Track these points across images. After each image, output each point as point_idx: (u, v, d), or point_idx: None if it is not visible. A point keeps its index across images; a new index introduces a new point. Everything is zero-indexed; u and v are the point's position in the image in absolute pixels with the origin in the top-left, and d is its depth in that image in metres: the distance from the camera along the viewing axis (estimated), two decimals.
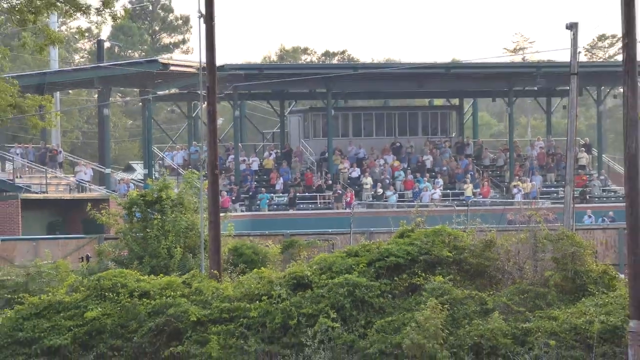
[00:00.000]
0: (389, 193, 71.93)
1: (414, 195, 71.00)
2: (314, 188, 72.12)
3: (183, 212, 37.35)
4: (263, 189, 71.86)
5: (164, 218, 36.84)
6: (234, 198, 69.21)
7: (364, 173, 73.73)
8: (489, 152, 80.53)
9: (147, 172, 68.99)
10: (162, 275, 30.07)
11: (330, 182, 72.44)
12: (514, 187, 73.99)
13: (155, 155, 74.34)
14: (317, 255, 30.54)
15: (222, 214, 33.44)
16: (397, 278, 27.66)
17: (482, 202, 69.88)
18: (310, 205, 70.41)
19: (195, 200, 37.40)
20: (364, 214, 63.24)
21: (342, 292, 27.14)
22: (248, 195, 71.20)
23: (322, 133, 76.70)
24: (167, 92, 77.55)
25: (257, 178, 73.66)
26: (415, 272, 27.70)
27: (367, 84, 78.35)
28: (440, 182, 73.69)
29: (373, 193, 72.01)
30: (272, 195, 71.35)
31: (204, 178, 34.68)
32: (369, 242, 30.44)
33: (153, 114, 76.97)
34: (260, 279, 28.41)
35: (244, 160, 74.86)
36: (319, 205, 70.42)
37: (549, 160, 78.42)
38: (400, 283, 27.58)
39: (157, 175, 63.84)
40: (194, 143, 76.08)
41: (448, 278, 27.46)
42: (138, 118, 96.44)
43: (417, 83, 77.25)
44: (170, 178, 48.99)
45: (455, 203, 67.39)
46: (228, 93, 69.95)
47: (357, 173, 74.00)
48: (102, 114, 74.02)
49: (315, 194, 71.44)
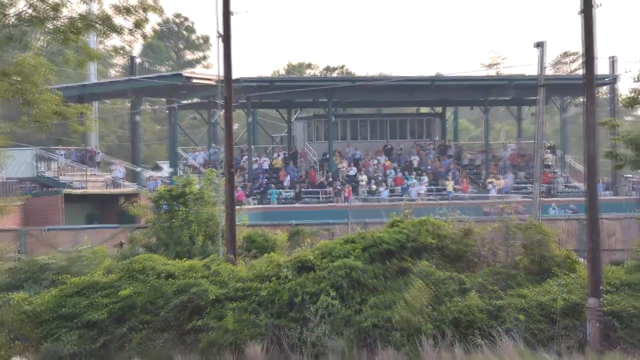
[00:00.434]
0: (382, 189, 71.86)
1: (403, 191, 70.91)
2: (317, 184, 72.05)
3: (204, 205, 37.35)
4: (272, 185, 71.83)
5: (187, 210, 36.84)
6: (248, 193, 69.17)
7: (360, 171, 73.68)
8: (468, 153, 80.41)
9: (172, 170, 68.96)
10: (185, 259, 30.13)
11: (331, 179, 72.37)
12: (489, 183, 73.90)
13: (180, 156, 74.28)
14: (319, 242, 30.55)
15: (237, 207, 33.44)
16: (388, 262, 27.67)
17: (461, 196, 69.79)
18: (314, 199, 70.32)
19: (214, 195, 37.39)
20: (360, 207, 63.14)
21: (340, 273, 27.16)
22: (260, 191, 71.15)
23: (323, 137, 76.58)
24: (189, 101, 77.50)
25: (267, 176, 73.59)
26: (404, 257, 27.71)
27: (362, 95, 78.22)
28: (426, 179, 73.62)
29: (368, 189, 71.96)
30: (280, 191, 71.30)
31: (222, 175, 34.70)
32: (364, 231, 30.46)
33: (178, 120, 76.86)
34: (270, 263, 28.44)
35: (256, 160, 74.82)
36: (321, 199, 70.34)
37: (520, 161, 78.29)
38: (391, 266, 27.60)
39: (181, 173, 63.77)
40: (213, 145, 76.00)
41: (432, 262, 27.49)
42: (165, 124, 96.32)
43: (406, 93, 77.20)
44: (193, 175, 48.87)
45: (438, 197, 67.43)
46: (242, 102, 69.99)
47: (354, 171, 73.92)
48: (133, 121, 74.14)
49: (318, 190, 71.35)
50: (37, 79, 38.61)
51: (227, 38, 32.16)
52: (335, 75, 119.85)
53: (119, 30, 40.07)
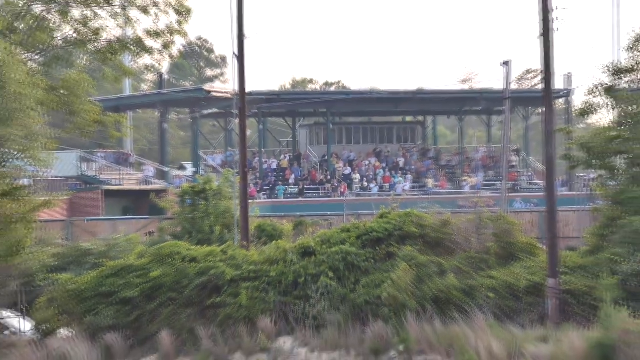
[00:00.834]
0: (372, 185, 71.86)
1: (390, 187, 70.91)
2: (317, 182, 72.06)
3: (221, 199, 37.35)
4: (280, 182, 71.83)
5: (208, 204, 36.86)
6: (259, 189, 69.16)
7: (354, 171, 73.65)
8: (445, 155, 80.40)
9: (195, 170, 68.96)
10: (205, 246, 30.06)
11: (329, 177, 72.36)
12: (464, 181, 73.89)
13: (201, 158, 74.28)
14: (319, 231, 30.49)
15: (249, 201, 33.43)
16: (377, 248, 27.60)
17: (440, 192, 69.79)
18: (315, 194, 70.34)
19: (230, 191, 37.37)
20: (354, 201, 63.16)
21: (337, 258, 27.10)
22: (269, 187, 71.15)
23: (323, 141, 76.58)
24: (209, 111, 77.42)
25: (275, 174, 73.59)
26: (391, 243, 27.63)
27: (356, 106, 78.24)
28: (410, 177, 73.62)
29: (360, 185, 71.95)
30: (286, 187, 71.30)
31: (237, 174, 34.65)
32: (358, 221, 30.41)
33: (199, 128, 76.84)
34: (278, 249, 28.38)
35: (266, 161, 74.81)
36: (321, 194, 70.35)
37: (489, 161, 78.29)
38: (380, 251, 27.53)
39: (202, 173, 63.78)
40: (229, 149, 76.01)
41: (415, 248, 27.39)
42: (188, 130, 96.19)
43: (392, 105, 77.21)
44: (212, 174, 48.90)
45: (421, 193, 67.43)
46: (254, 112, 69.96)
47: (348, 171, 73.90)
48: (162, 128, 74.03)
49: (318, 186, 71.36)
50: (80, 93, 38.56)
51: (241, 58, 32.11)
52: (333, 90, 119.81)
53: (150, 51, 40.10)
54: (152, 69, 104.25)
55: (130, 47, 40.14)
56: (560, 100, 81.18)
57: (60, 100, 38.22)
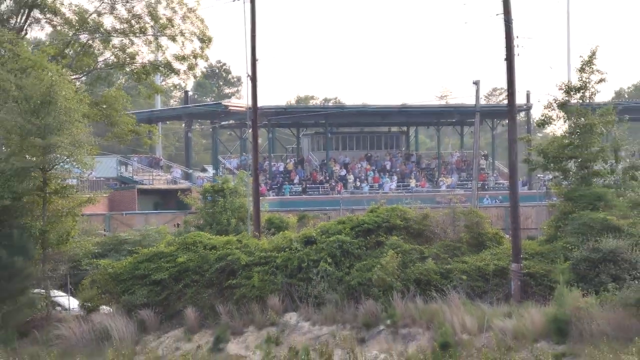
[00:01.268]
0: (364, 185, 71.82)
1: (379, 187, 70.85)
2: (318, 182, 71.99)
3: (237, 196, 37.31)
4: (286, 182, 71.76)
5: (225, 200, 36.81)
6: (268, 188, 69.09)
7: (348, 172, 73.58)
8: (425, 159, 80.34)
9: (215, 171, 68.90)
10: (223, 236, 30.07)
11: (328, 178, 72.32)
12: (441, 181, 73.84)
13: (220, 161, 74.26)
14: (319, 223, 30.52)
15: (260, 198, 33.46)
16: (368, 237, 27.58)
17: (420, 190, 69.69)
18: (315, 192, 70.27)
19: (244, 189, 37.37)
20: (348, 198, 63.10)
21: (335, 246, 27.08)
22: (277, 186, 71.09)
23: (322, 148, 76.47)
24: (227, 122, 77.41)
25: (282, 175, 73.52)
26: (380, 233, 27.63)
27: (350, 118, 78.22)
28: (395, 178, 73.56)
29: (354, 185, 71.88)
30: (291, 186, 71.23)
31: (250, 175, 34.64)
32: (352, 215, 30.41)
33: (218, 136, 76.84)
34: (284, 238, 28.38)
35: (274, 164, 74.77)
36: (321, 193, 70.26)
37: (462, 165, 78.21)
38: (370, 240, 27.51)
39: (221, 174, 63.74)
40: (243, 154, 75.97)
41: (400, 237, 27.39)
42: (209, 138, 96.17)
43: (381, 117, 77.25)
44: (229, 176, 48.88)
45: (404, 191, 67.28)
46: (265, 123, 69.86)
47: (344, 172, 73.85)
48: (187, 136, 73.99)
49: (319, 185, 71.28)
50: (118, 107, 38.66)
51: (254, 78, 32.13)
52: (331, 104, 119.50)
53: (177, 72, 40.25)
54: (178, 87, 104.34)
55: (161, 69, 40.27)
56: (522, 114, 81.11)
57: (102, 114, 38.32)
